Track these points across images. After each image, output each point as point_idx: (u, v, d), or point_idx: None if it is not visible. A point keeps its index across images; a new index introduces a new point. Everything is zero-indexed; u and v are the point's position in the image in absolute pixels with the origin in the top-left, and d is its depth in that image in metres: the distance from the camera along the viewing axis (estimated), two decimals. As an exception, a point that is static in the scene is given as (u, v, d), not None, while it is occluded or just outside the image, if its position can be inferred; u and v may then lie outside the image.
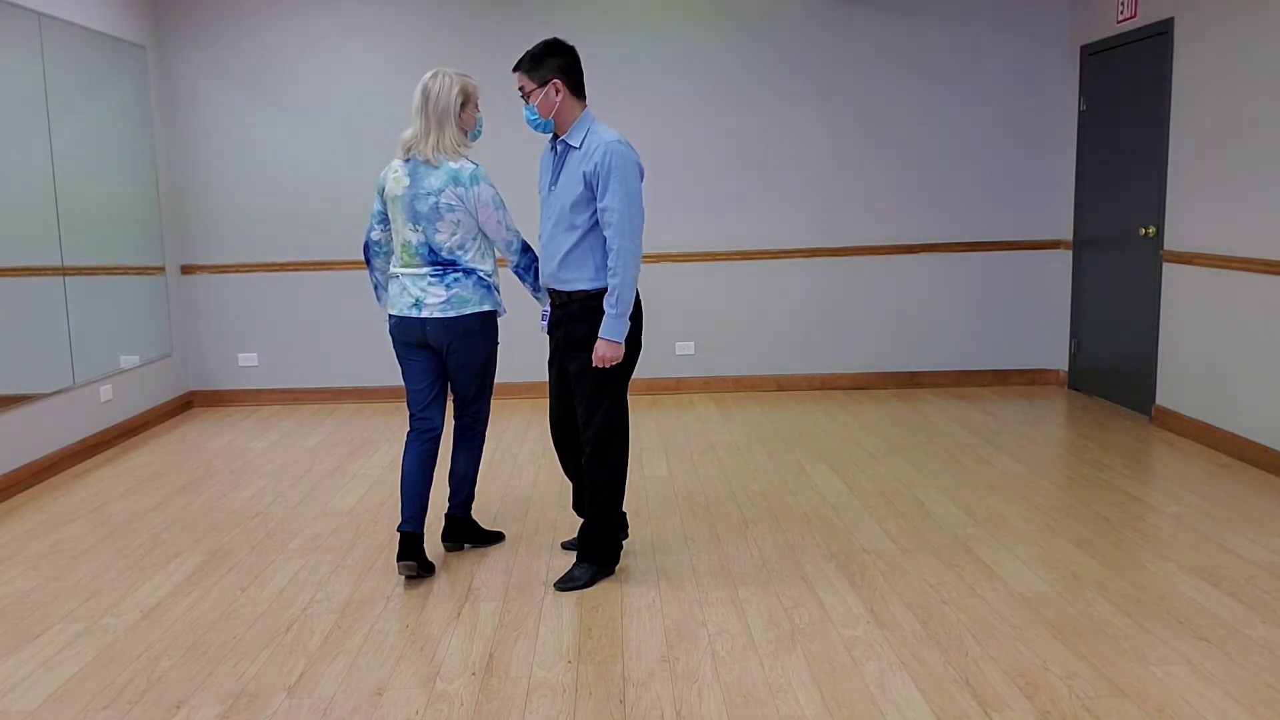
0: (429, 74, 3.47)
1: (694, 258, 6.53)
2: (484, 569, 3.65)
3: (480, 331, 3.55)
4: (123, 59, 5.85)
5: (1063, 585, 3.37)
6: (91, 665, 2.98)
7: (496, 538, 3.93)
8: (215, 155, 6.42)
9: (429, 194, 3.45)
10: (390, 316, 3.60)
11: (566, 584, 3.45)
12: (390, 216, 3.58)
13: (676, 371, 6.64)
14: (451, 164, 3.46)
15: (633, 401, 6.42)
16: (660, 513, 4.22)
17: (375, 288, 3.77)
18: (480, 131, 3.64)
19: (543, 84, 3.33)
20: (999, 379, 6.65)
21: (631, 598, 3.36)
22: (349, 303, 6.54)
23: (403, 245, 3.53)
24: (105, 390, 5.56)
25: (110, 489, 4.78)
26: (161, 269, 6.26)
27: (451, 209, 3.45)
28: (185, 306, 6.55)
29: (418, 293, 3.50)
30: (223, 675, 2.90)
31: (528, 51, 3.38)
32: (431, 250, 3.49)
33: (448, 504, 3.82)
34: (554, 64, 3.34)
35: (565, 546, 3.84)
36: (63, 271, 5.19)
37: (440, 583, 3.54)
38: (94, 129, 5.52)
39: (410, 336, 3.56)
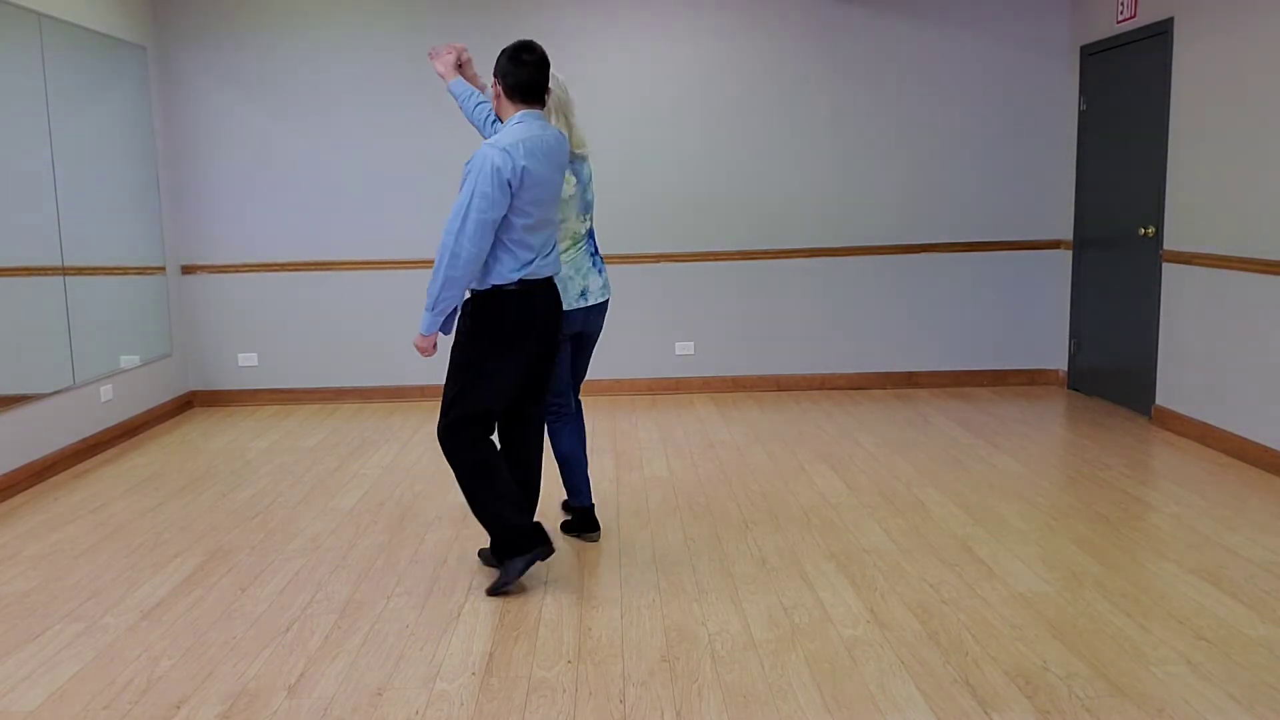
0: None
1: (694, 258, 6.53)
2: (484, 569, 3.65)
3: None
4: (123, 59, 5.85)
5: (1063, 585, 3.37)
6: (91, 665, 2.98)
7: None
8: (215, 155, 6.42)
9: (591, 182, 3.76)
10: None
11: (494, 589, 3.43)
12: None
13: (676, 371, 6.64)
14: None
15: (633, 402, 6.42)
16: (660, 513, 4.22)
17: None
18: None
19: (493, 80, 3.46)
20: (998, 379, 6.65)
21: (631, 598, 3.36)
22: (349, 303, 6.54)
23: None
24: (105, 390, 5.56)
25: (110, 489, 4.78)
26: (161, 269, 6.27)
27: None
28: (185, 306, 6.55)
29: (584, 282, 3.71)
30: (223, 675, 2.90)
31: None
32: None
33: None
34: (500, 63, 3.38)
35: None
36: (63, 271, 5.19)
37: (440, 583, 3.54)
38: (94, 129, 5.52)
39: (574, 326, 3.75)
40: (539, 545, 3.38)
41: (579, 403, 3.92)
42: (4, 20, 4.76)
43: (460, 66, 3.74)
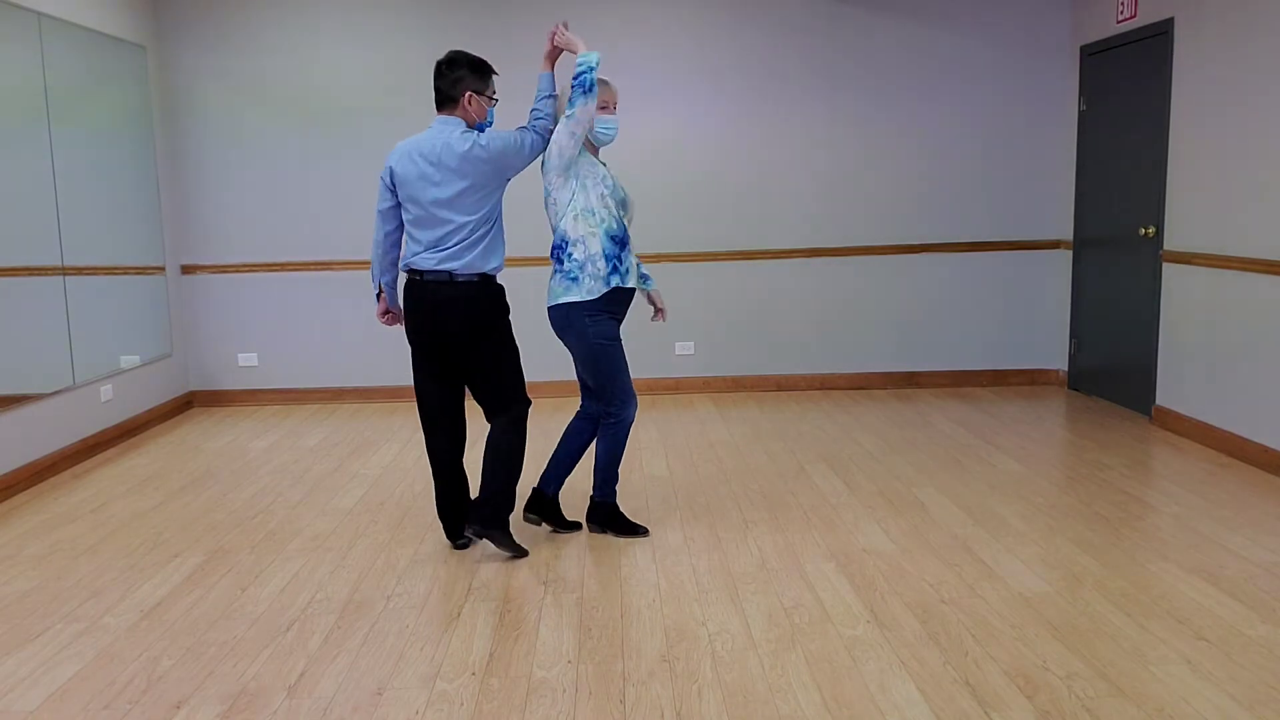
0: None
1: (694, 258, 6.53)
2: (484, 569, 3.65)
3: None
4: (123, 59, 5.85)
5: (1063, 585, 3.37)
6: (91, 665, 2.99)
7: (575, 526, 4.05)
8: (215, 155, 6.42)
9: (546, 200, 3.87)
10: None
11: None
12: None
13: (676, 371, 6.64)
14: None
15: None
16: (660, 513, 4.22)
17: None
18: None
19: None
20: (998, 379, 6.65)
21: (631, 598, 3.37)
22: (349, 303, 6.54)
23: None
24: (105, 390, 5.56)
25: (110, 489, 4.78)
26: (161, 269, 6.27)
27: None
28: (185, 306, 6.55)
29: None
30: (223, 675, 2.90)
31: None
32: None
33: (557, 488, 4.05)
34: None
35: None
36: (63, 271, 5.19)
37: (440, 583, 3.54)
38: (94, 129, 5.52)
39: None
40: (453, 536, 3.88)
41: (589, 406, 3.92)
42: (4, 20, 4.76)
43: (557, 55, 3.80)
